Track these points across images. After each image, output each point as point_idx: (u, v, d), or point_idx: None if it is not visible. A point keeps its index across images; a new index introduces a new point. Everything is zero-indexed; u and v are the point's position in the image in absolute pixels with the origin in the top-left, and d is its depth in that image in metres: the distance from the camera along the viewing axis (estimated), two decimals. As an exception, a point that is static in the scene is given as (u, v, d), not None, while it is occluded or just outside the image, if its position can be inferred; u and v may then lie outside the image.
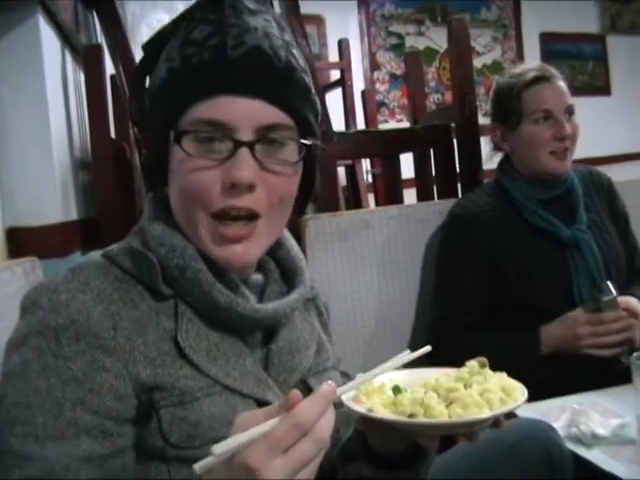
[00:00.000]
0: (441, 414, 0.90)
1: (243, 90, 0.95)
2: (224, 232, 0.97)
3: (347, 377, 1.22)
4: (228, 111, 0.94)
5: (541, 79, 1.99)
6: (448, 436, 1.04)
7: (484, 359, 1.02)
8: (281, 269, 1.14)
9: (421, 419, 0.90)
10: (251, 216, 0.98)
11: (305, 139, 1.01)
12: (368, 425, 1.00)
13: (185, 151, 0.95)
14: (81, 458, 0.85)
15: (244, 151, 0.94)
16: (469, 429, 0.95)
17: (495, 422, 0.94)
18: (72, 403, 0.86)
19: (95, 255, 1.03)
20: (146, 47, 1.06)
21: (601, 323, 1.78)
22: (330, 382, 0.75)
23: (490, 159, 2.19)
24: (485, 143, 2.20)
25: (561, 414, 1.48)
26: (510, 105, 2.03)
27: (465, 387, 0.94)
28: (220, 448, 0.69)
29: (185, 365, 0.94)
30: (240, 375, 0.98)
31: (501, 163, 2.14)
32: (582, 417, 1.43)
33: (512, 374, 0.99)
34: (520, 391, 0.95)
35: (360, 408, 0.92)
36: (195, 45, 0.96)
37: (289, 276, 1.13)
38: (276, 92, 0.97)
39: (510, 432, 1.29)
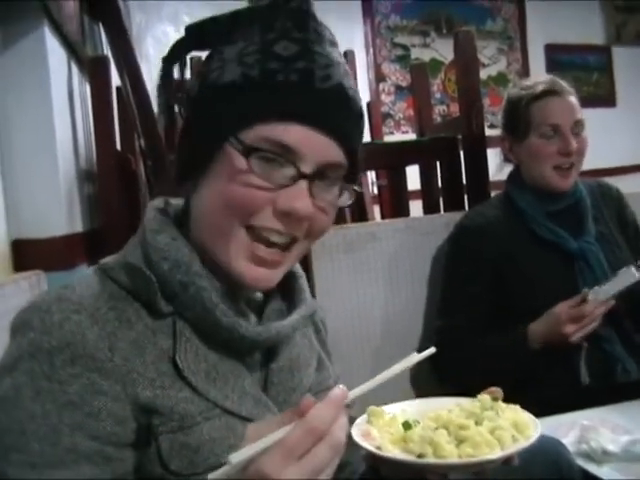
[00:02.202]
0: (451, 454, 0.88)
1: (322, 125, 0.93)
2: (258, 253, 0.95)
3: None
4: (301, 139, 0.92)
5: (550, 93, 1.99)
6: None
7: (497, 391, 1.01)
8: (281, 287, 1.10)
9: (430, 460, 0.88)
10: (289, 243, 0.97)
11: (351, 182, 1.01)
12: (377, 462, 0.99)
13: (251, 168, 0.92)
14: None
15: (304, 184, 0.93)
16: (479, 468, 0.93)
17: (507, 459, 0.92)
18: (70, 429, 0.83)
19: (89, 271, 0.99)
20: (191, 29, 1.02)
21: (583, 316, 1.77)
22: (341, 386, 0.74)
23: (500, 170, 2.19)
24: (493, 155, 2.19)
25: (570, 430, 1.47)
26: (518, 117, 2.04)
27: (476, 424, 0.93)
28: (236, 457, 0.68)
29: (184, 387, 0.92)
30: (239, 397, 0.96)
31: (510, 174, 2.13)
32: (592, 433, 1.41)
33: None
34: (533, 427, 0.94)
35: (369, 446, 0.91)
36: (280, 61, 0.93)
37: (289, 294, 1.11)
38: (348, 134, 0.97)
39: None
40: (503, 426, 0.91)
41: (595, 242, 1.97)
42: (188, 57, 1.06)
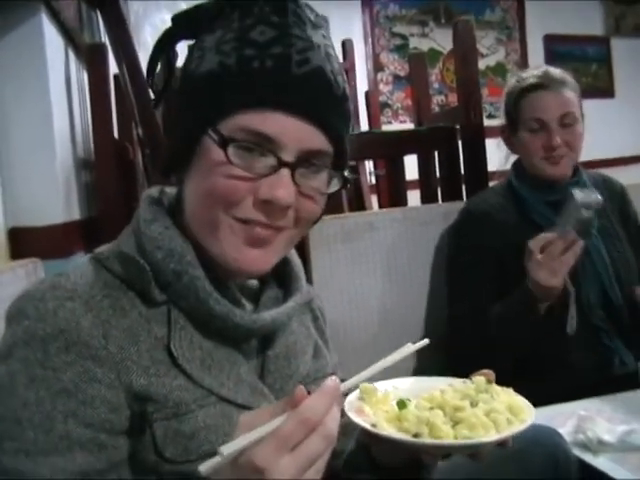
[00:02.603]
0: (447, 435, 0.88)
1: (299, 111, 0.91)
2: (250, 233, 0.94)
3: None
4: (279, 128, 0.90)
5: (538, 86, 1.99)
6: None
7: (490, 373, 1.01)
8: (277, 274, 1.10)
9: (426, 439, 0.88)
10: (276, 228, 0.95)
11: (339, 169, 0.99)
12: (371, 439, 0.99)
13: (229, 159, 0.90)
14: (76, 473, 0.82)
15: (286, 172, 0.91)
16: (475, 450, 0.94)
17: (502, 442, 0.92)
18: (63, 416, 0.83)
19: (83, 259, 0.99)
20: (178, 19, 1.01)
21: (551, 256, 1.73)
22: (334, 377, 0.74)
23: (507, 160, 2.19)
24: (496, 145, 2.20)
25: (567, 420, 1.47)
26: (510, 110, 2.06)
27: (472, 405, 0.93)
28: (228, 448, 0.67)
29: (179, 375, 0.91)
30: (234, 385, 0.96)
31: (514, 164, 2.14)
32: (588, 423, 1.42)
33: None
34: (527, 411, 0.94)
35: (364, 422, 0.90)
36: (256, 47, 0.91)
37: (285, 282, 1.11)
38: (329, 120, 0.94)
39: (516, 437, 1.28)
40: (498, 409, 0.91)
41: (597, 234, 1.97)
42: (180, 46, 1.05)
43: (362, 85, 5.07)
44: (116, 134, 2.84)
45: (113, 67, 2.71)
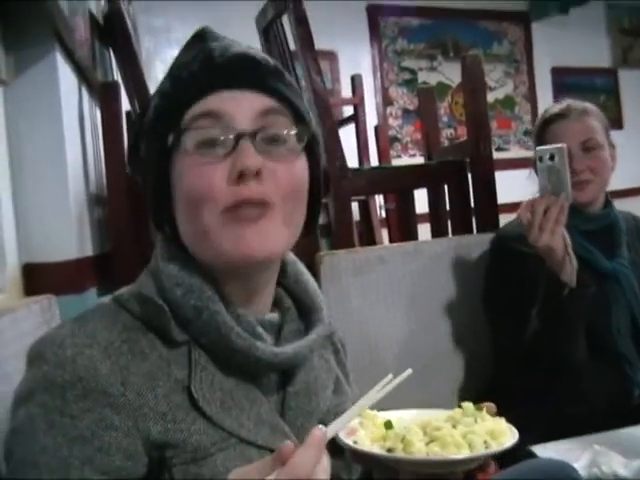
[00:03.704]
0: (419, 451, 0.88)
1: (234, 83, 0.96)
2: (238, 216, 0.93)
3: None
4: (221, 103, 0.95)
5: (559, 116, 2.05)
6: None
7: (490, 406, 1.00)
8: (298, 306, 1.10)
9: (398, 454, 0.88)
10: (262, 205, 0.95)
11: (300, 124, 1.01)
12: (354, 458, 0.99)
13: (187, 148, 0.94)
14: None
15: (246, 141, 0.93)
16: (448, 469, 0.92)
17: (483, 466, 0.92)
18: (80, 462, 0.82)
19: (105, 300, 0.99)
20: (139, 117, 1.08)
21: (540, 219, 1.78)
22: (321, 426, 0.74)
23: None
24: (502, 177, 2.22)
25: (582, 454, 1.46)
26: (536, 142, 2.10)
27: (453, 427, 0.93)
28: None
29: (198, 418, 0.91)
30: (255, 425, 0.95)
31: None
32: (603, 457, 1.41)
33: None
34: (509, 436, 0.93)
35: (345, 439, 0.91)
36: (183, 66, 0.99)
37: (306, 313, 1.09)
38: (266, 82, 0.98)
39: (531, 472, 1.27)
40: (477, 431, 0.91)
41: (628, 265, 1.98)
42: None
43: (372, 119, 5.10)
44: (128, 170, 2.86)
45: (125, 104, 2.74)
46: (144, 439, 0.87)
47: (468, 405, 0.98)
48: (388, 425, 0.95)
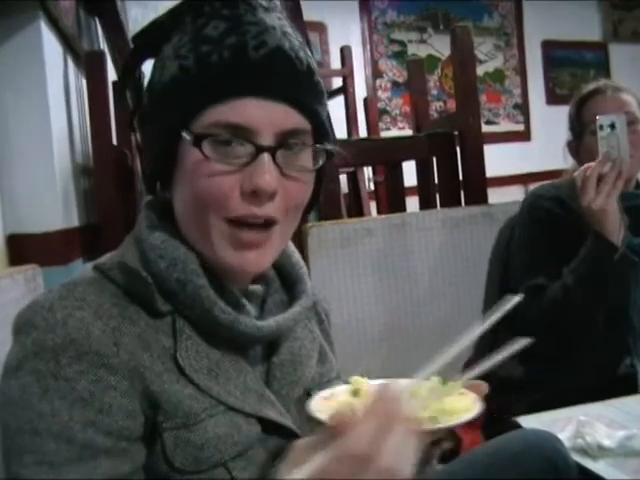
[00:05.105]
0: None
1: (266, 93, 0.90)
2: (240, 237, 0.93)
3: None
4: (250, 114, 0.90)
5: (595, 92, 2.11)
6: (453, 449, 1.02)
7: (481, 384, 0.98)
8: (282, 277, 1.10)
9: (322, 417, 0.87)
10: (268, 223, 0.94)
11: (322, 144, 0.98)
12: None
13: (205, 155, 0.89)
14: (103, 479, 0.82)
15: (266, 157, 0.90)
16: None
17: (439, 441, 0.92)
18: (82, 425, 0.82)
19: (87, 268, 0.98)
20: (137, 39, 1.02)
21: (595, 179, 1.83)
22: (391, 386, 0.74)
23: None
24: (492, 151, 2.22)
25: (566, 425, 1.47)
26: (572, 121, 2.18)
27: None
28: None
29: (187, 385, 0.91)
30: (242, 394, 0.95)
31: None
32: (588, 428, 1.41)
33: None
34: (470, 412, 0.90)
35: (312, 406, 0.91)
36: (211, 43, 0.91)
37: (290, 284, 1.10)
38: (298, 96, 0.93)
39: (515, 442, 1.28)
40: (431, 407, 0.88)
41: None
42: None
43: (361, 91, 5.07)
44: (115, 141, 2.84)
45: (112, 74, 2.71)
46: (140, 398, 0.87)
47: (435, 380, 0.97)
48: (355, 393, 0.95)
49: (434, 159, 2.71)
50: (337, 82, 4.73)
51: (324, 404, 0.93)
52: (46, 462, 0.80)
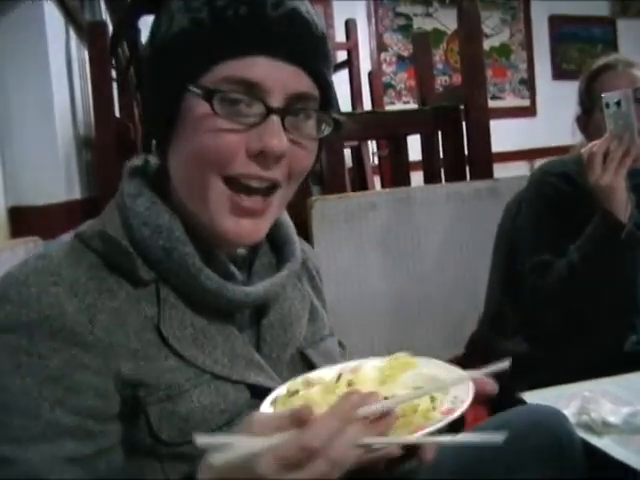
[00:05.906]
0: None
1: (282, 54, 0.88)
2: (239, 202, 0.90)
3: (343, 346, 1.19)
4: (263, 72, 0.87)
5: (607, 67, 2.06)
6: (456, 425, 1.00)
7: (488, 382, 0.94)
8: (269, 238, 1.07)
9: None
10: (271, 188, 0.92)
11: (328, 112, 0.96)
12: None
13: (214, 110, 0.86)
14: (64, 459, 0.81)
15: (276, 119, 0.88)
16: None
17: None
18: (50, 403, 0.81)
19: (67, 236, 0.95)
20: None
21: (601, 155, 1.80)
22: (355, 395, 0.70)
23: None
24: (498, 126, 2.19)
25: (571, 401, 1.46)
26: (582, 96, 2.11)
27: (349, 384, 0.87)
28: (217, 459, 0.66)
29: (170, 355, 0.89)
30: (229, 360, 0.93)
31: None
32: (593, 404, 1.41)
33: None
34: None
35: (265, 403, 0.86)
36: None
37: (278, 246, 1.08)
38: (311, 60, 0.91)
39: (519, 418, 1.27)
40: (369, 386, 0.84)
41: None
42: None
43: (365, 65, 5.03)
44: (117, 113, 2.82)
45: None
46: (115, 377, 0.86)
47: (400, 356, 0.92)
48: (291, 394, 0.88)
49: (439, 133, 2.69)
50: (342, 56, 4.68)
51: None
52: (12, 438, 0.80)
